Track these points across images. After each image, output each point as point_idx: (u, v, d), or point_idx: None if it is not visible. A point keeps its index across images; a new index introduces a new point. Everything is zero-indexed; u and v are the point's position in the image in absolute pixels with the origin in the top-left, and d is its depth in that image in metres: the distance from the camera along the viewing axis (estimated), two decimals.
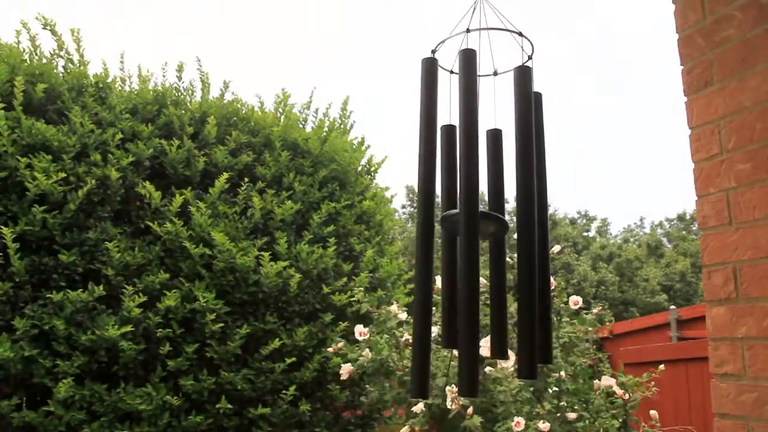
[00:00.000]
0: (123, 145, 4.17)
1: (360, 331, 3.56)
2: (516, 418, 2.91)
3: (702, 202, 1.63)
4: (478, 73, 1.37)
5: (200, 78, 4.76)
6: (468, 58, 1.37)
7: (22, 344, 3.53)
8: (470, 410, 3.06)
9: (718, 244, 1.58)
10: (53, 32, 4.28)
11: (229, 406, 3.89)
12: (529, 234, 1.36)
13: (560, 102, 39.52)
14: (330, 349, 3.84)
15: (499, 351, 1.49)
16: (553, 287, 3.39)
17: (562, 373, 3.23)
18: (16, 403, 3.54)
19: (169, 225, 4.01)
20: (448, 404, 3.06)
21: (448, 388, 3.13)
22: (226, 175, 4.23)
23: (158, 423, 3.76)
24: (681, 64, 1.72)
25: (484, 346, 3.06)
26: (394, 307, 3.68)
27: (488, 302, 1.52)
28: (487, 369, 3.26)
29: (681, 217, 27.88)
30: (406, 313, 3.67)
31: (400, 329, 3.60)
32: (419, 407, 3.24)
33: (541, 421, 2.92)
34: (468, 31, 1.41)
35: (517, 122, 1.41)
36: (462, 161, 1.33)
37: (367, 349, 3.49)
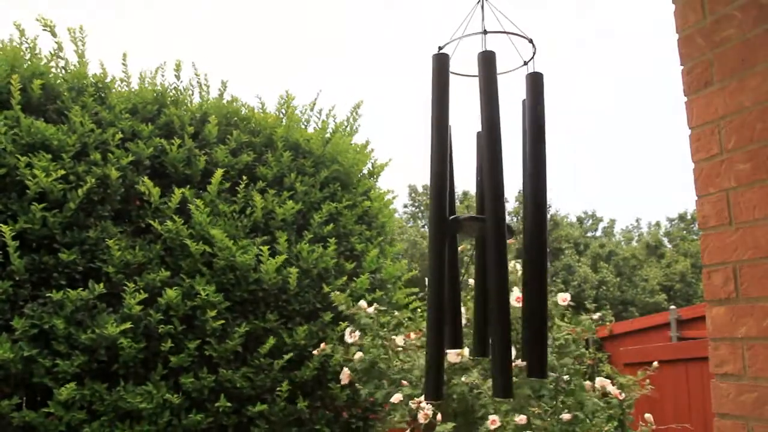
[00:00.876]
0: (123, 144, 4.17)
1: (351, 333, 3.62)
2: (491, 417, 2.87)
3: (702, 202, 1.63)
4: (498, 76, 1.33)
5: (198, 81, 4.78)
6: (488, 61, 1.30)
7: (21, 344, 3.52)
8: (439, 417, 3.05)
9: (718, 244, 1.58)
10: (53, 33, 4.27)
11: (229, 404, 3.89)
12: (540, 235, 1.36)
13: (560, 102, 39.51)
14: (315, 351, 3.92)
15: (481, 351, 1.49)
16: None
17: (565, 377, 3.21)
18: (16, 402, 3.53)
19: (169, 223, 4.01)
20: (418, 418, 3.04)
21: (411, 401, 3.11)
22: (221, 171, 4.23)
23: (158, 422, 3.76)
24: (681, 64, 1.72)
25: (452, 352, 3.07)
26: (362, 303, 3.75)
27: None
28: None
29: (682, 217, 27.88)
30: (374, 308, 3.73)
31: (384, 330, 3.65)
32: (397, 397, 3.23)
33: (517, 415, 2.89)
34: (485, 32, 1.36)
35: (528, 128, 1.39)
36: (486, 169, 1.29)
37: (360, 352, 3.52)
